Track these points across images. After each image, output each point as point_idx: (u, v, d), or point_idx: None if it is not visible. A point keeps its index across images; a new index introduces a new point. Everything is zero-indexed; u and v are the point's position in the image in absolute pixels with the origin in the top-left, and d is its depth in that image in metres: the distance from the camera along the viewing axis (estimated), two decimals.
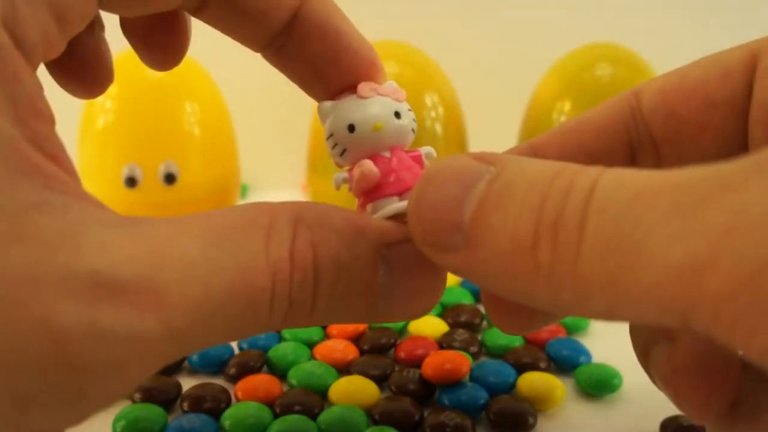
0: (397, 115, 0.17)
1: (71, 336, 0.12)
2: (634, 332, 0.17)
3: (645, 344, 0.16)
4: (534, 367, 0.25)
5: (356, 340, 0.27)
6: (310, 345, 0.26)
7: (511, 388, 0.24)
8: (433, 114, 0.33)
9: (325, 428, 0.21)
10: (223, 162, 0.35)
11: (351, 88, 0.18)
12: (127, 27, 0.19)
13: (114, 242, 0.12)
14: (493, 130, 0.49)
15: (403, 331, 0.28)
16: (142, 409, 0.22)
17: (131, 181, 0.32)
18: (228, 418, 0.21)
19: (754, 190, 0.10)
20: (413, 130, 0.17)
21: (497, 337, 0.27)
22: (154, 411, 0.22)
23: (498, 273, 0.12)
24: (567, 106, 0.34)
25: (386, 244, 0.15)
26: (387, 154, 0.17)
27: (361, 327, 0.27)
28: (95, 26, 0.18)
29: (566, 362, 0.25)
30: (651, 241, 0.10)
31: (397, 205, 0.16)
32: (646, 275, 0.10)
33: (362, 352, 0.26)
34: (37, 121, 0.13)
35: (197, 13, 0.17)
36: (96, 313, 0.12)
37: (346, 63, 0.18)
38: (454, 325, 0.28)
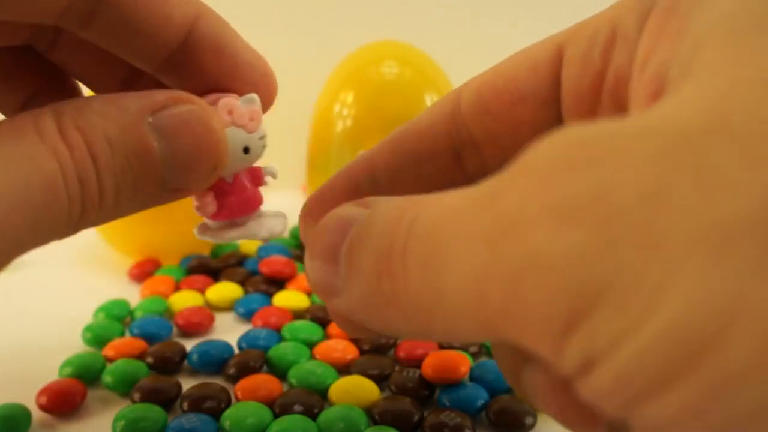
0: (246, 150, 0.18)
1: None
2: (498, 357, 0.16)
3: (512, 368, 0.15)
4: None
5: (356, 339, 0.27)
6: (310, 345, 0.26)
7: (510, 388, 0.24)
8: None
9: (325, 428, 0.21)
10: None
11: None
12: None
13: None
14: None
15: None
16: (142, 409, 0.22)
17: None
18: (228, 418, 0.21)
19: (510, 195, 0.10)
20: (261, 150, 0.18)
21: None
22: (154, 411, 0.22)
23: (368, 311, 0.13)
24: None
25: (151, 112, 0.15)
26: (230, 179, 0.18)
27: None
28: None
29: None
30: (449, 257, 0.11)
31: (230, 234, 0.18)
32: (450, 293, 0.11)
33: (362, 352, 0.26)
34: None
35: (85, 28, 0.17)
36: None
37: (243, 77, 0.18)
38: None
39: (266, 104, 0.18)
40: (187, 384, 0.24)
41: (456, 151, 0.17)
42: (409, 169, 0.17)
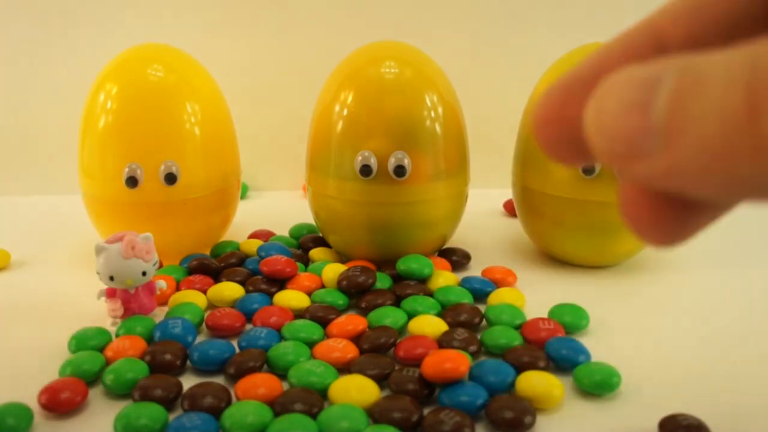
0: (144, 273, 0.28)
1: None
2: None
3: None
4: (533, 366, 0.25)
5: (356, 339, 0.27)
6: (310, 344, 0.26)
7: (510, 387, 0.24)
8: (433, 114, 0.33)
9: (325, 428, 0.21)
10: (223, 162, 0.35)
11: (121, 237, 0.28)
12: None
13: None
14: (493, 130, 0.49)
15: (402, 331, 0.28)
16: (142, 408, 0.22)
17: (132, 181, 0.32)
18: (228, 417, 0.21)
19: None
20: (153, 271, 0.28)
21: (496, 336, 0.27)
22: (154, 410, 0.22)
23: (708, 164, 0.11)
24: None
25: None
26: (132, 291, 0.28)
27: (361, 326, 0.27)
28: None
29: (565, 361, 0.25)
30: None
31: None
32: None
33: (362, 352, 0.26)
34: None
35: None
36: None
37: None
38: (453, 325, 0.28)
39: None
40: (187, 383, 0.24)
41: None
42: (712, 41, 0.15)
